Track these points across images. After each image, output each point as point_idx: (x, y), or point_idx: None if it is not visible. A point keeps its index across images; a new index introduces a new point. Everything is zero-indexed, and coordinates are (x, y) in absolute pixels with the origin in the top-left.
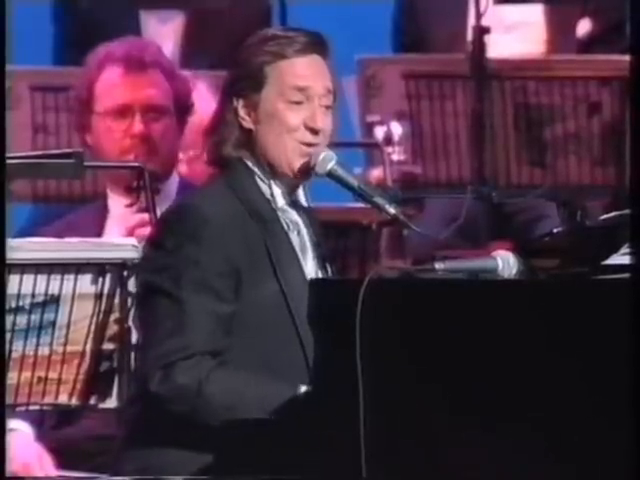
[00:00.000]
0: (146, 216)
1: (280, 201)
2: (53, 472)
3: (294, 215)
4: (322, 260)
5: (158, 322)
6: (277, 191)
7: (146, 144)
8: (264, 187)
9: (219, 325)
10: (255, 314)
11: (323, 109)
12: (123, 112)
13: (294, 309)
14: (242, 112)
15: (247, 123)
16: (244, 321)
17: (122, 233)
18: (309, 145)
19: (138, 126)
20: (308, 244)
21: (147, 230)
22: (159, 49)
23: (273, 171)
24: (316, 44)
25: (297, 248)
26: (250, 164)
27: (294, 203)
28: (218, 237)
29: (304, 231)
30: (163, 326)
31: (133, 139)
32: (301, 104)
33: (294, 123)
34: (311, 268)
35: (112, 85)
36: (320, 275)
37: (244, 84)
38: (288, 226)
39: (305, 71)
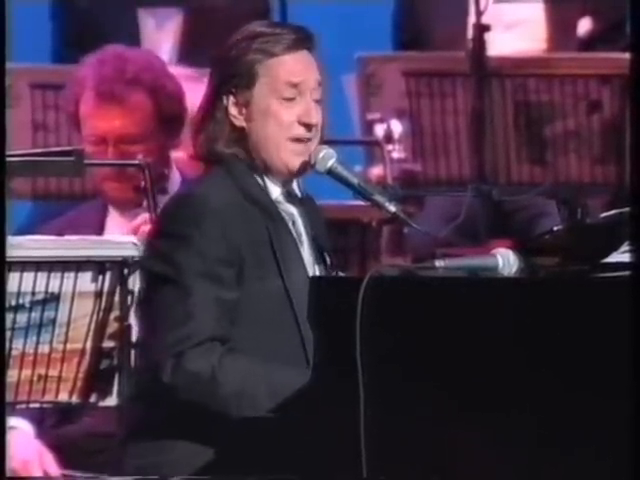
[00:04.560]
0: (145, 215)
1: (274, 193)
2: (53, 470)
3: (289, 207)
4: (319, 251)
5: (164, 312)
6: (270, 184)
7: (121, 174)
8: (259, 180)
9: (225, 312)
10: (257, 303)
11: (315, 103)
12: (97, 143)
13: (295, 298)
14: (233, 110)
15: (239, 121)
16: (246, 311)
17: (122, 232)
18: (303, 141)
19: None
20: (304, 236)
21: (147, 229)
22: (143, 61)
23: (267, 168)
24: (303, 40)
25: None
26: (242, 159)
27: (288, 194)
28: (221, 225)
29: (299, 222)
30: (170, 315)
31: (110, 169)
32: (294, 100)
33: (288, 120)
34: (308, 259)
35: (87, 115)
36: (317, 264)
37: (234, 82)
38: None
39: (297, 66)
